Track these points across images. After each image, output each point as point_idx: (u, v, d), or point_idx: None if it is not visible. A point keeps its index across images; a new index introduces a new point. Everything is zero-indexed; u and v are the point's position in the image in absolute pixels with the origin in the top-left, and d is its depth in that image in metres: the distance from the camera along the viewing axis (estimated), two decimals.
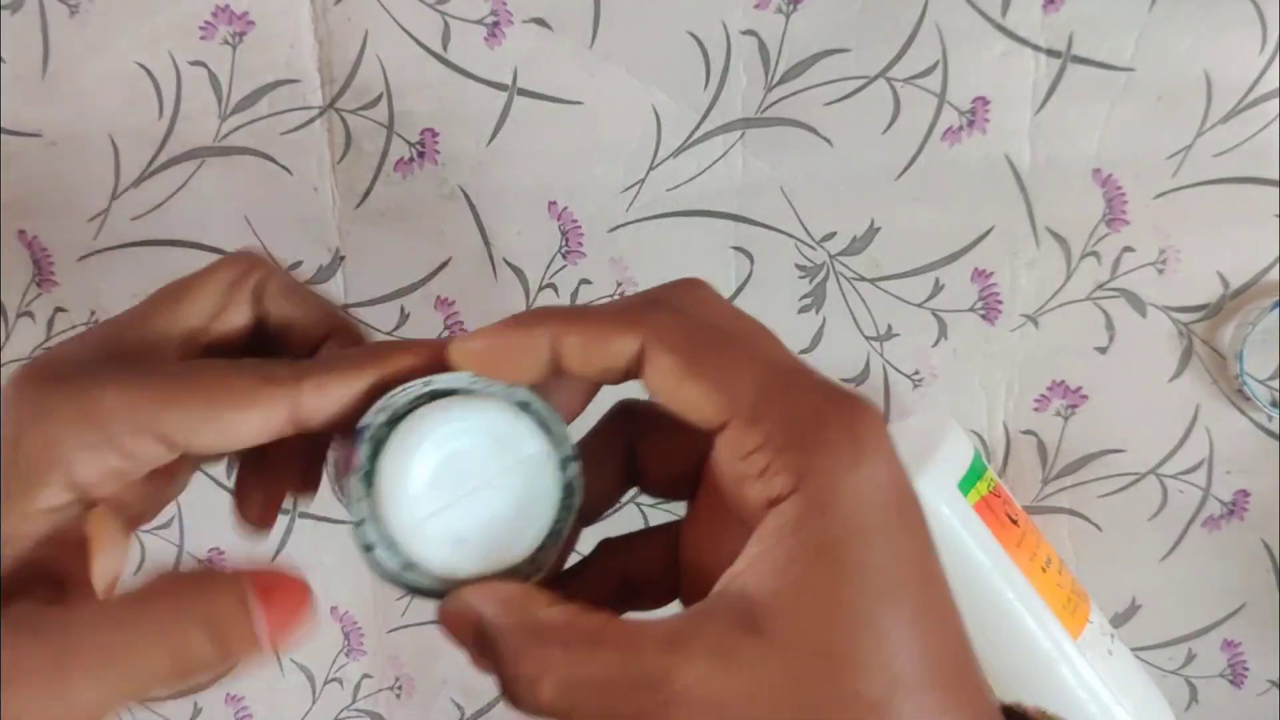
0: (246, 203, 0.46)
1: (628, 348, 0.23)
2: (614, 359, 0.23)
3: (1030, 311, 0.46)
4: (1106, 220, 0.45)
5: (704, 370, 0.22)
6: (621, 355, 0.23)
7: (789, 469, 0.21)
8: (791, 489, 0.21)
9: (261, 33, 0.45)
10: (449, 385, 0.24)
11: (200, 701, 0.51)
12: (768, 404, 0.21)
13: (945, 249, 0.46)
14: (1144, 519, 0.47)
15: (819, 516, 0.20)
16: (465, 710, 0.51)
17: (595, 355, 0.23)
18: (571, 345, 0.23)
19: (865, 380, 0.47)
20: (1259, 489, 0.47)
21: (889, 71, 0.44)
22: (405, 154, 0.46)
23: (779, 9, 0.44)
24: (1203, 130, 0.44)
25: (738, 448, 0.22)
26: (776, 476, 0.21)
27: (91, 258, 0.47)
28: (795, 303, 0.46)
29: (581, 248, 0.46)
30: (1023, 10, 0.43)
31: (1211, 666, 0.49)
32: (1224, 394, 0.46)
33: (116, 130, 0.46)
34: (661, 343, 0.22)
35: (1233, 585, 0.48)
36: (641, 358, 0.23)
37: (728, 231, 0.46)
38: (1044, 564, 0.42)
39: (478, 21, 0.44)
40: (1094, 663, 0.42)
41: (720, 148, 0.45)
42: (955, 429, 0.43)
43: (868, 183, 0.45)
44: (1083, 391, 0.47)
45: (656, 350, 0.22)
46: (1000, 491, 0.44)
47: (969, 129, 0.44)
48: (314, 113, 0.45)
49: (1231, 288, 0.45)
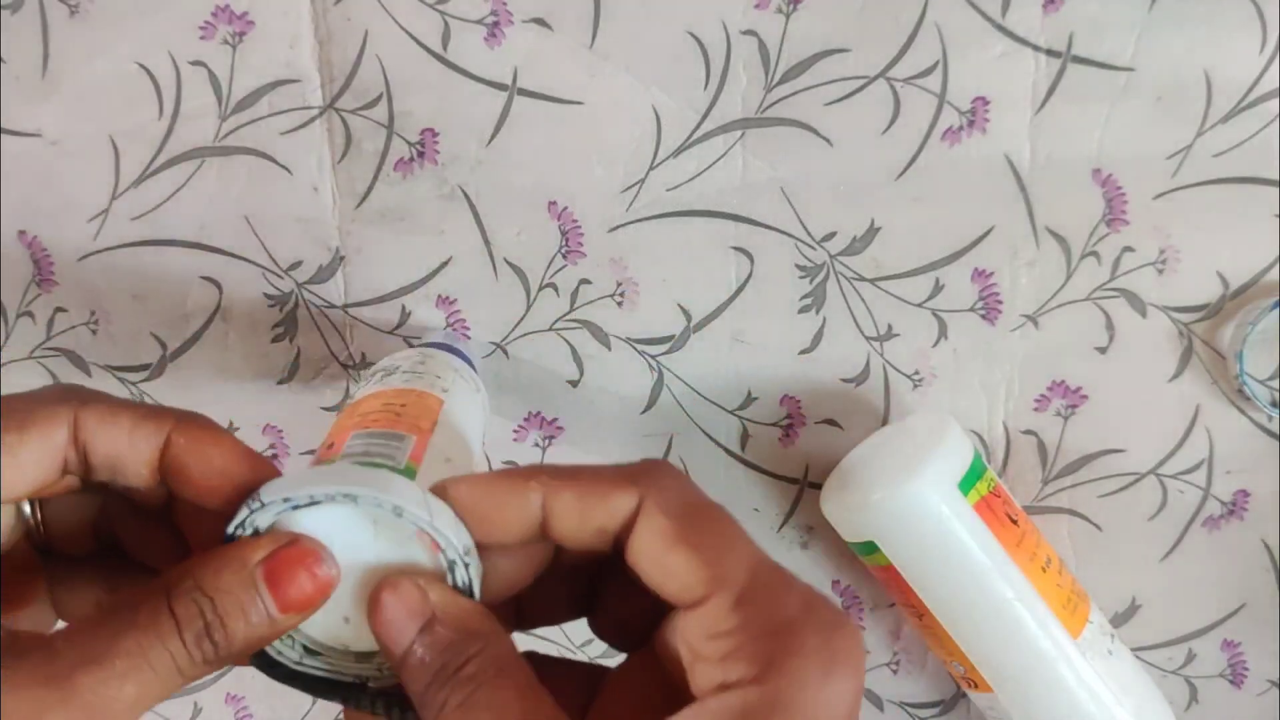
0: (246, 203, 0.46)
1: (626, 505, 0.22)
2: (611, 517, 0.22)
3: (1030, 311, 0.46)
4: (1106, 220, 0.45)
5: (697, 542, 0.22)
6: (620, 512, 0.22)
7: (756, 660, 0.20)
8: (753, 679, 0.20)
9: (261, 33, 0.45)
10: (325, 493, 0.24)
11: (200, 701, 0.51)
12: (753, 592, 0.21)
13: (945, 249, 0.46)
14: (1144, 519, 0.47)
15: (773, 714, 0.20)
16: None
17: (592, 512, 0.22)
18: (566, 502, 0.22)
19: (865, 380, 0.47)
20: (1259, 489, 0.47)
21: (889, 71, 0.44)
22: (405, 154, 0.46)
23: (779, 9, 0.44)
24: (1203, 130, 0.44)
25: (709, 625, 0.21)
26: (740, 663, 0.21)
27: (91, 258, 0.47)
28: (795, 303, 0.46)
29: (581, 248, 0.46)
30: (1023, 10, 0.43)
31: (1211, 666, 0.49)
32: (1224, 394, 0.46)
33: (116, 130, 0.46)
34: (659, 505, 0.22)
35: (1233, 585, 0.48)
36: (634, 519, 0.22)
37: (728, 231, 0.46)
38: (1044, 564, 0.42)
39: (478, 21, 0.44)
40: (1094, 663, 0.42)
41: (720, 148, 0.45)
42: (955, 429, 0.43)
43: (868, 183, 0.45)
44: (1083, 391, 0.47)
45: (653, 512, 0.22)
46: (1000, 491, 0.44)
47: (969, 129, 0.44)
48: (314, 113, 0.45)
49: (1231, 288, 0.45)
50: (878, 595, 0.49)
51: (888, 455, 0.44)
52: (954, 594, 0.42)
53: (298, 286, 0.47)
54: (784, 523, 0.48)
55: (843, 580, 0.49)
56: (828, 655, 0.21)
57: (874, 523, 0.42)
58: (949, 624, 0.42)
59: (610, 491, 0.22)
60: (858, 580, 0.49)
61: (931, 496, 0.41)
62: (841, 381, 0.47)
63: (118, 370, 0.48)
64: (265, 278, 0.47)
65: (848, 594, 0.49)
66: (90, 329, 0.47)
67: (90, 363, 0.48)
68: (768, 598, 0.21)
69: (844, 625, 0.21)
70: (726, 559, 0.21)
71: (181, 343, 0.48)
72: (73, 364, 0.48)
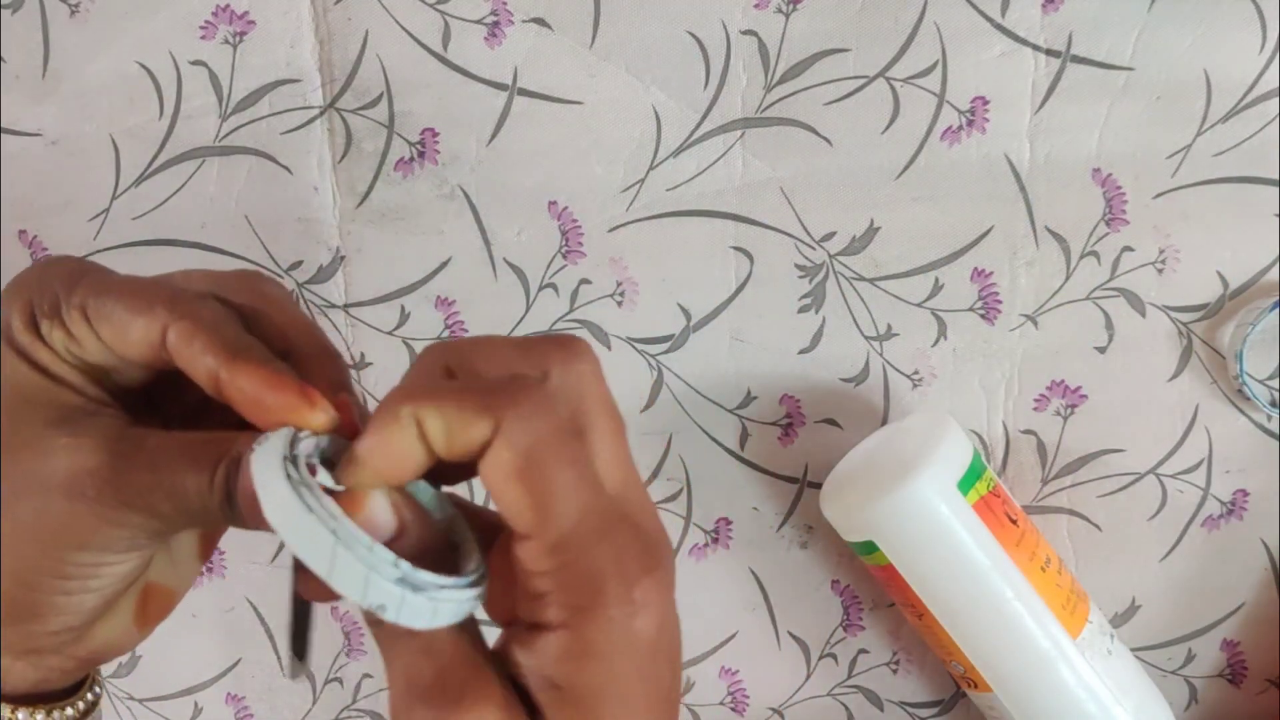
0: (246, 203, 0.46)
1: (481, 434, 0.22)
2: (470, 443, 0.23)
3: (1030, 311, 0.46)
4: (1106, 220, 0.45)
5: (533, 481, 0.22)
6: (476, 440, 0.22)
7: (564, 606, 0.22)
8: (560, 624, 0.22)
9: (262, 32, 0.45)
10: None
11: (200, 701, 0.52)
12: (571, 538, 0.22)
13: (945, 249, 0.46)
14: (1144, 519, 0.47)
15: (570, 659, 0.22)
16: None
17: (455, 438, 0.23)
18: (434, 429, 0.23)
19: (865, 380, 0.47)
20: (1258, 489, 0.47)
21: (889, 71, 0.44)
22: (405, 154, 0.46)
23: (779, 9, 0.44)
24: (1202, 130, 0.44)
25: (529, 562, 0.22)
26: (550, 607, 0.22)
27: (92, 258, 0.47)
28: (795, 303, 0.46)
29: (581, 248, 0.46)
30: (1022, 10, 0.43)
31: (1211, 666, 0.49)
32: (1224, 394, 0.46)
33: (116, 130, 0.46)
34: (507, 439, 0.22)
35: (1232, 585, 0.48)
36: (487, 446, 0.22)
37: (728, 231, 0.46)
38: (1043, 564, 0.42)
39: (478, 21, 0.44)
40: (1093, 662, 0.42)
41: (720, 148, 0.45)
42: (955, 429, 0.43)
43: (868, 183, 0.45)
44: (1082, 391, 0.47)
45: (500, 445, 0.22)
46: (1000, 491, 0.44)
47: (969, 129, 0.44)
48: (314, 112, 0.45)
49: (1231, 288, 0.45)
50: (877, 595, 0.49)
51: (887, 455, 0.44)
52: (953, 594, 0.42)
53: (298, 286, 0.47)
54: (783, 522, 0.48)
55: (842, 580, 0.49)
56: (629, 605, 0.22)
57: (873, 522, 0.42)
58: (949, 624, 0.42)
59: (471, 420, 0.22)
60: (857, 580, 0.49)
61: (931, 496, 0.41)
62: (841, 381, 0.47)
63: None
64: None
65: (847, 594, 0.49)
66: None
67: None
68: (581, 545, 0.22)
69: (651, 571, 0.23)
70: (556, 502, 0.22)
71: None
72: None
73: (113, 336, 0.25)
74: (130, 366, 0.26)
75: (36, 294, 0.25)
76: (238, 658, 0.51)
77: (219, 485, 0.24)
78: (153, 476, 0.24)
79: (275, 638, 0.51)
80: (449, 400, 0.23)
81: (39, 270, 0.26)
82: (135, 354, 0.25)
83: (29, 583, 0.25)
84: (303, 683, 0.51)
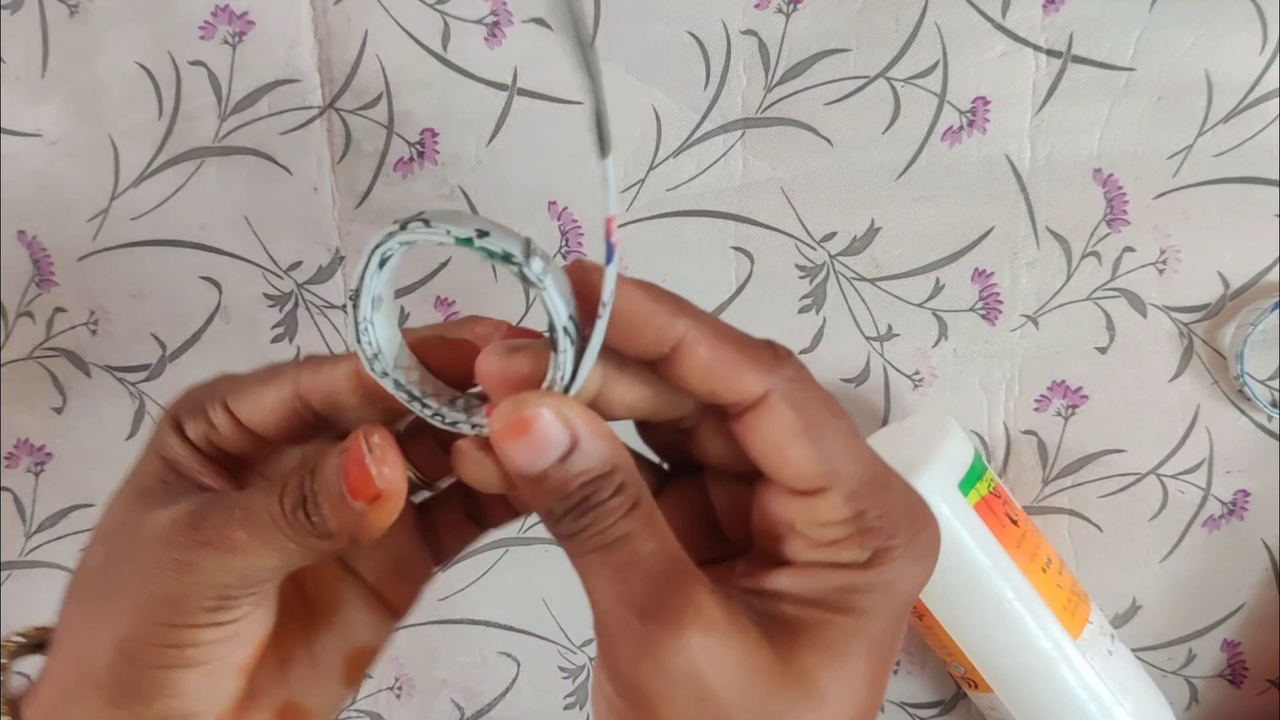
0: (246, 203, 0.46)
1: (752, 388, 0.23)
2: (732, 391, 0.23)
3: (1030, 311, 0.46)
4: (1107, 220, 0.45)
5: (818, 436, 0.23)
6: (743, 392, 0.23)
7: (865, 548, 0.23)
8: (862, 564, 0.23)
9: (261, 33, 0.45)
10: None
11: None
12: (864, 488, 0.24)
13: (945, 249, 0.46)
14: (1144, 519, 0.47)
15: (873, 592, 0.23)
16: (465, 710, 0.51)
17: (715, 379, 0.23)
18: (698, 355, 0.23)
19: (865, 380, 0.47)
20: (1259, 489, 0.47)
21: (889, 71, 0.44)
22: (405, 154, 0.46)
23: (779, 9, 0.44)
24: (1203, 130, 0.44)
25: (821, 514, 0.23)
26: (850, 549, 0.23)
27: (91, 258, 0.47)
28: (795, 303, 0.46)
29: (581, 248, 0.46)
30: (1023, 10, 0.43)
31: (1211, 666, 0.49)
32: (1224, 394, 0.46)
33: (116, 130, 0.46)
34: (786, 398, 0.23)
35: (1233, 585, 0.48)
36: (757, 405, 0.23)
37: (728, 231, 0.46)
38: (1044, 564, 0.42)
39: (478, 21, 0.44)
40: (1094, 663, 0.42)
41: (720, 148, 0.45)
42: (955, 429, 0.43)
43: (868, 183, 0.45)
44: (1083, 391, 0.46)
45: (779, 404, 0.23)
46: (1000, 492, 0.44)
47: (969, 129, 0.44)
48: (314, 113, 0.45)
49: (1231, 288, 0.45)
50: None
51: (888, 455, 0.44)
52: (954, 594, 0.42)
53: (298, 287, 0.47)
54: None
55: None
56: (916, 549, 0.24)
57: None
58: (949, 624, 0.42)
59: (743, 367, 0.23)
60: None
61: (932, 496, 0.41)
62: (842, 381, 0.47)
63: (117, 370, 0.48)
64: (265, 278, 0.47)
65: None
66: (90, 329, 0.47)
67: (90, 363, 0.48)
68: (874, 496, 0.24)
69: (929, 525, 0.24)
70: (842, 456, 0.23)
71: (181, 343, 0.48)
72: (73, 364, 0.48)
73: (250, 409, 0.26)
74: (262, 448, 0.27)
75: (184, 405, 0.27)
76: None
77: (292, 495, 0.25)
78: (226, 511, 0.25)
79: None
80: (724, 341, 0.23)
81: (186, 390, 0.28)
82: (271, 418, 0.26)
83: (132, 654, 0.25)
84: None
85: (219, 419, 0.26)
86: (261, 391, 0.26)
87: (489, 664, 0.51)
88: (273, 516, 0.24)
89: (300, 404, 0.26)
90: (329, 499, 0.24)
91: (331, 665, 0.29)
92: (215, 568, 0.24)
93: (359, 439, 0.24)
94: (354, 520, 0.24)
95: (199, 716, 0.26)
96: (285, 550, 0.25)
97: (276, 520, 0.24)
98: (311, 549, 0.25)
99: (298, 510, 0.24)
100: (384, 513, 0.24)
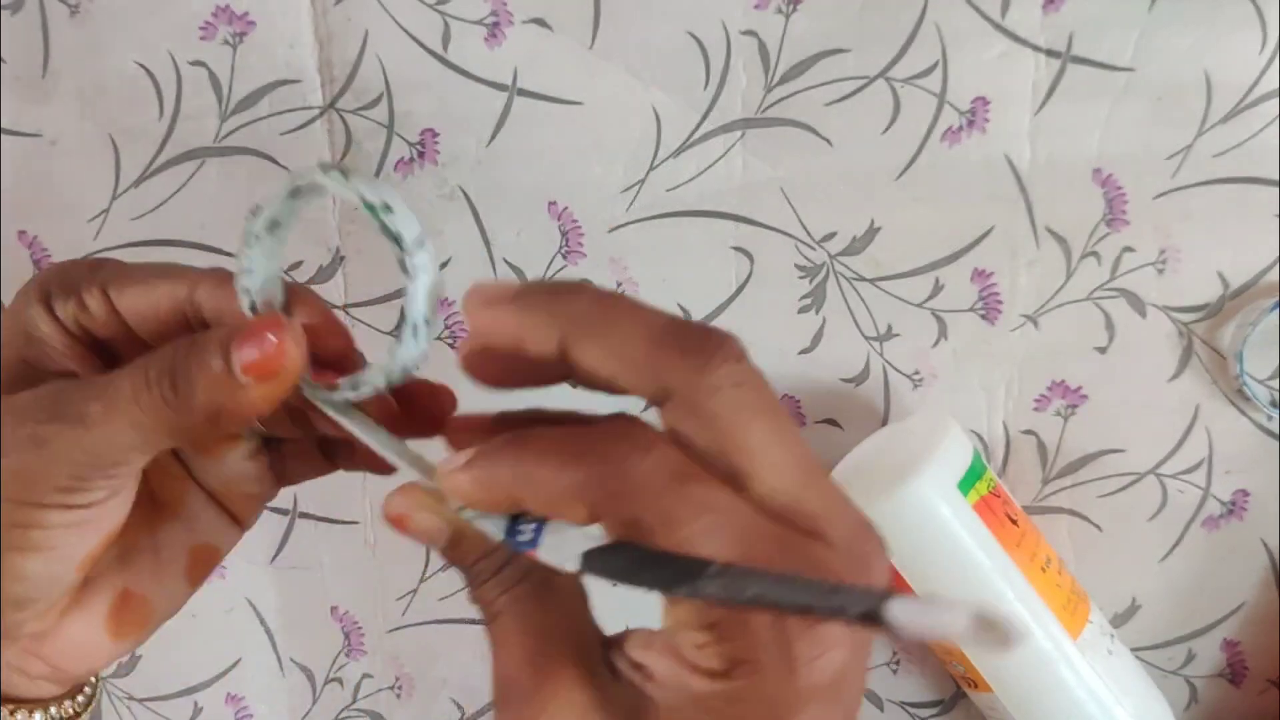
0: (246, 203, 0.46)
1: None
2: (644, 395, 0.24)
3: (1030, 311, 0.46)
4: (1106, 220, 0.45)
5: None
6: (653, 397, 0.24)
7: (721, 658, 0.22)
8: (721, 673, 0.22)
9: (261, 33, 0.45)
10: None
11: (200, 701, 0.51)
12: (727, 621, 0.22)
13: (945, 249, 0.46)
14: (1144, 519, 0.47)
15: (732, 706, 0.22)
16: (465, 710, 0.51)
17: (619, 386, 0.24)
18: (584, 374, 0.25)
19: (865, 380, 0.47)
20: (1258, 489, 0.47)
21: (889, 71, 0.44)
22: (405, 154, 0.46)
23: (779, 9, 0.44)
24: (1203, 130, 0.44)
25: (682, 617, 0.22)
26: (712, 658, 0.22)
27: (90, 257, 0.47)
28: (795, 303, 0.46)
29: (581, 248, 0.46)
30: (1023, 10, 0.43)
31: (1211, 666, 0.49)
32: (1224, 394, 0.46)
33: (116, 130, 0.46)
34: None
35: (1232, 585, 0.48)
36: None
37: (728, 231, 0.46)
38: (1044, 564, 0.43)
39: (478, 21, 0.44)
40: (1094, 663, 0.42)
41: (720, 148, 0.45)
42: (955, 429, 0.43)
43: (868, 183, 0.45)
44: (1083, 391, 0.47)
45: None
46: (1000, 491, 0.44)
47: (969, 129, 0.44)
48: (314, 113, 0.45)
49: (1231, 288, 0.45)
50: None
51: (887, 455, 0.44)
52: (953, 593, 0.42)
53: None
54: None
55: None
56: (787, 662, 0.21)
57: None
58: None
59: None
60: None
61: (931, 496, 0.41)
62: (841, 381, 0.47)
63: None
64: None
65: None
66: None
67: None
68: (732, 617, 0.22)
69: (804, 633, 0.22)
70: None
71: None
72: None
73: (134, 301, 0.26)
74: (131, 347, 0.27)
75: (56, 280, 0.26)
76: (237, 658, 0.51)
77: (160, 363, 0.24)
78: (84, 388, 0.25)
79: (275, 637, 0.51)
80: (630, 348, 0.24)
81: (59, 264, 0.27)
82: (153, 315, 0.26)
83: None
84: (303, 683, 0.51)
85: (94, 303, 0.26)
86: (153, 285, 0.26)
87: (489, 664, 0.51)
88: (134, 388, 0.24)
89: (191, 309, 0.26)
90: (203, 371, 0.24)
91: (174, 557, 0.28)
92: (69, 444, 0.24)
93: (274, 311, 0.25)
94: (223, 397, 0.24)
95: (34, 604, 0.25)
96: (140, 426, 0.24)
97: (139, 392, 0.24)
98: (168, 427, 0.24)
99: (164, 379, 0.24)
100: (269, 391, 0.24)
